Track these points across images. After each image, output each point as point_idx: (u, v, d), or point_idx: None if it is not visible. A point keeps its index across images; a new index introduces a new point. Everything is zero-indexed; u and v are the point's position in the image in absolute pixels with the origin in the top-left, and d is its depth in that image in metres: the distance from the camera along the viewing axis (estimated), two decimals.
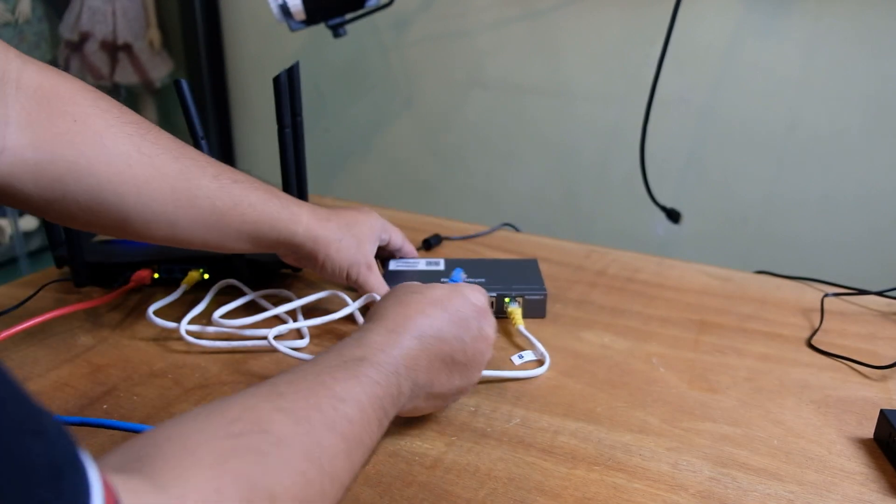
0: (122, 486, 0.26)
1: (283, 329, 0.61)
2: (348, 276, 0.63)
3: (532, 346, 0.62)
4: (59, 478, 0.22)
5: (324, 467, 0.34)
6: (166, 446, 0.30)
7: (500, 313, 0.67)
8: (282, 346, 0.58)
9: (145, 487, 0.27)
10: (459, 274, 0.67)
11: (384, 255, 0.73)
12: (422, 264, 0.73)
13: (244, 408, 0.34)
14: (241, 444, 0.32)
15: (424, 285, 0.50)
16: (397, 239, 0.72)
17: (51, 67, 0.50)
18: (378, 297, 0.62)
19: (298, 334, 0.64)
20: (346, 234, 0.63)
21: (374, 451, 0.40)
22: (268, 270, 0.72)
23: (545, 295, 0.68)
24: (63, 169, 0.48)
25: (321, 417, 0.36)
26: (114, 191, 0.50)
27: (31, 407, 0.23)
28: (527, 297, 0.67)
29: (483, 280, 0.69)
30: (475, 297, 0.50)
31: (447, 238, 0.89)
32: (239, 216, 0.56)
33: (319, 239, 0.60)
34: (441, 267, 0.73)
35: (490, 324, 0.51)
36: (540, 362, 0.60)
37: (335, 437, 0.36)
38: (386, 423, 0.42)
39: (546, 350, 0.61)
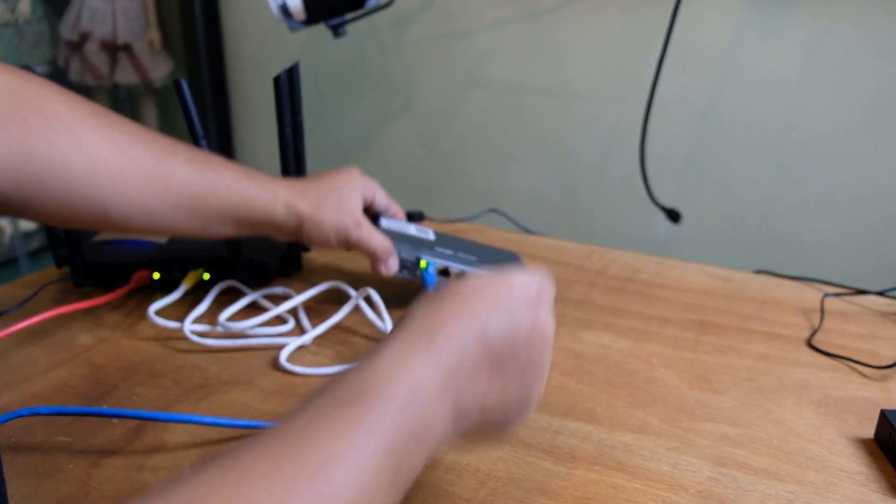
0: None
1: (291, 347, 0.60)
2: (338, 241, 0.63)
3: None
4: None
5: None
6: None
7: None
8: (295, 367, 0.58)
9: None
10: (433, 267, 0.65)
11: (370, 215, 0.70)
12: (412, 229, 0.71)
13: None
14: None
15: (464, 279, 0.40)
16: (382, 198, 0.71)
17: (18, 69, 0.49)
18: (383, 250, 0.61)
19: (301, 330, 0.64)
20: (325, 199, 0.62)
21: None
22: (268, 270, 0.72)
23: None
24: (37, 166, 0.47)
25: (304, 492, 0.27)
26: (89, 184, 0.49)
27: None
28: None
29: (474, 258, 0.67)
30: (527, 281, 0.40)
31: (429, 219, 0.90)
32: (217, 200, 0.56)
33: (300, 212, 0.60)
34: (431, 237, 0.71)
35: (547, 313, 0.40)
36: None
37: None
38: (407, 468, 0.32)
39: None
